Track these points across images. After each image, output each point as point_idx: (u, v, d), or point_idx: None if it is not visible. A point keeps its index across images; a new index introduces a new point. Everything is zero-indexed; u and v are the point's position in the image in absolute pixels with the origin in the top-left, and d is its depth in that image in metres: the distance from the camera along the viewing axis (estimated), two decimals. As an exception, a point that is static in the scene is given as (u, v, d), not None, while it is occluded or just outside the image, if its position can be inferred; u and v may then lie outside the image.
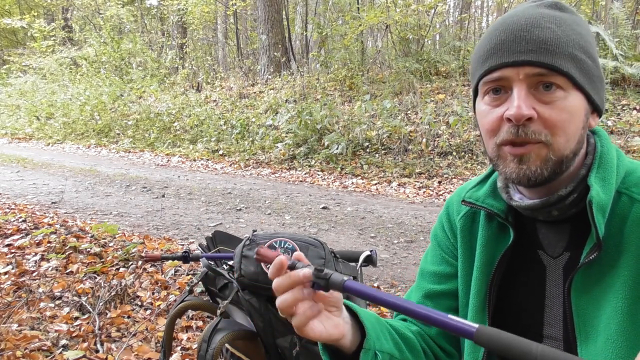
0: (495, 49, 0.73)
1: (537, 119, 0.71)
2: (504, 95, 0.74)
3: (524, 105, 0.70)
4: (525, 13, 0.73)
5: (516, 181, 0.77)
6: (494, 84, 0.74)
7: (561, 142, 0.72)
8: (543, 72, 0.70)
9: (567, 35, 0.71)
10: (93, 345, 2.31)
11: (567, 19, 0.73)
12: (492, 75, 0.74)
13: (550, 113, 0.71)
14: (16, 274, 3.06)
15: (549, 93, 0.71)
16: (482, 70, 0.76)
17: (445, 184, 6.42)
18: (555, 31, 0.71)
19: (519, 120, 0.71)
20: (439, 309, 0.93)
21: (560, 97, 0.71)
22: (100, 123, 12.19)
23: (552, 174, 0.74)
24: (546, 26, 0.71)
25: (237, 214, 5.11)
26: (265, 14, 11.52)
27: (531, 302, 0.84)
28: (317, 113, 8.49)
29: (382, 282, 3.32)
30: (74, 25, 19.24)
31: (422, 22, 10.81)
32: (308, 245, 1.33)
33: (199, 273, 1.48)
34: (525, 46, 0.70)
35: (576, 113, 0.72)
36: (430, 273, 0.97)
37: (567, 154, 0.73)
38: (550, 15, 0.72)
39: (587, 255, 0.74)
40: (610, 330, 0.72)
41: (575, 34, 0.72)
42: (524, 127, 0.71)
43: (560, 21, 0.72)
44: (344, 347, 0.75)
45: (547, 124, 0.71)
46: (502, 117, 0.73)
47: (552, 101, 0.71)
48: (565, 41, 0.71)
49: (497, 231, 0.87)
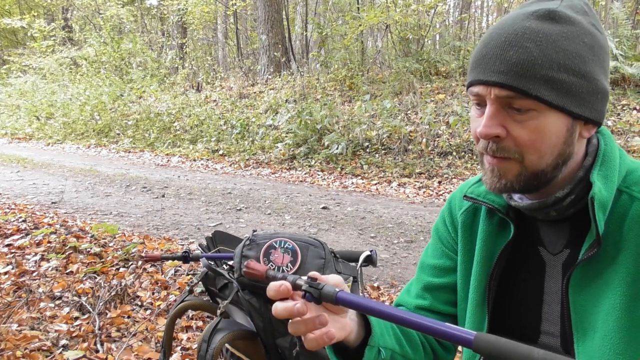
0: (476, 63, 0.75)
1: (507, 136, 0.72)
2: (483, 108, 0.75)
3: (490, 124, 0.72)
4: (511, 26, 0.71)
5: (490, 190, 0.79)
6: (475, 97, 0.76)
7: (533, 159, 0.73)
8: (511, 95, 0.70)
9: (545, 54, 0.68)
10: (93, 345, 2.31)
11: (554, 33, 0.69)
12: (472, 90, 0.76)
13: (519, 132, 0.72)
14: (16, 274, 3.05)
15: (519, 114, 0.71)
16: (467, 81, 0.78)
17: (445, 184, 6.42)
18: (531, 52, 0.68)
19: (485, 138, 0.73)
20: (438, 301, 0.95)
21: (533, 116, 0.71)
22: (100, 123, 12.19)
23: (528, 185, 0.75)
24: (524, 45, 0.69)
25: (237, 214, 5.11)
26: (265, 14, 11.52)
27: (530, 298, 0.85)
28: (317, 113, 8.49)
29: (382, 282, 3.32)
30: (74, 25, 19.24)
31: (422, 22, 10.81)
32: (308, 245, 1.33)
33: (199, 273, 1.48)
34: (498, 66, 0.70)
35: (550, 132, 0.71)
36: (430, 266, 0.99)
37: (542, 169, 0.74)
38: (535, 30, 0.69)
39: (586, 251, 0.74)
40: (607, 327, 0.72)
41: (557, 52, 0.69)
42: (493, 143, 0.74)
43: (543, 38, 0.69)
44: (348, 342, 0.76)
45: (517, 142, 0.72)
46: None
47: (523, 121, 0.71)
48: (540, 62, 0.68)
49: (498, 226, 0.88)
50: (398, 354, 0.84)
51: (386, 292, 3.14)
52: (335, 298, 0.65)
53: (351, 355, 0.79)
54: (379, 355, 0.78)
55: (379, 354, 0.78)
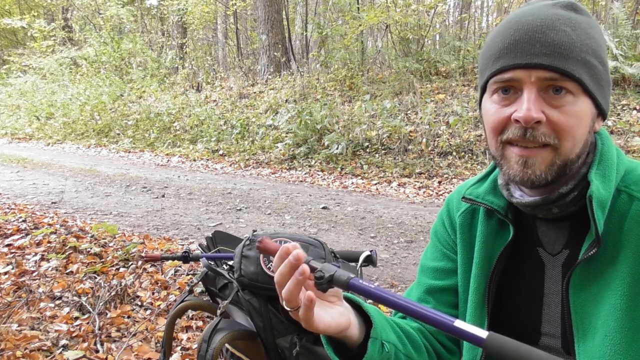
0: (508, 49, 0.72)
1: (545, 122, 0.71)
2: (513, 95, 0.73)
3: (534, 108, 0.70)
4: (540, 13, 0.72)
5: (519, 183, 0.77)
6: (504, 84, 0.74)
7: (568, 146, 0.72)
8: (555, 77, 0.70)
9: (581, 39, 0.70)
10: (93, 345, 2.31)
11: (582, 21, 0.72)
12: (503, 76, 0.73)
13: (559, 117, 0.71)
14: (16, 274, 3.05)
15: (558, 97, 0.71)
16: (493, 69, 0.75)
17: (445, 184, 6.41)
18: (570, 35, 0.70)
19: (527, 123, 0.71)
20: (440, 304, 0.94)
21: (570, 101, 0.71)
22: (100, 123, 12.19)
23: (556, 177, 0.74)
24: (561, 29, 0.70)
25: (237, 214, 5.11)
26: (265, 14, 11.52)
27: (530, 299, 0.84)
28: (317, 113, 8.49)
29: (382, 282, 3.32)
30: (74, 25, 19.25)
31: (422, 22, 10.81)
32: (308, 245, 1.33)
33: (199, 273, 1.48)
34: (539, 49, 0.70)
35: (584, 118, 0.72)
36: (431, 269, 0.98)
37: (572, 158, 0.73)
38: (566, 17, 0.71)
39: (586, 251, 0.74)
40: (608, 327, 0.72)
41: (589, 38, 0.71)
42: (532, 129, 0.71)
43: (575, 24, 0.71)
44: (351, 338, 0.74)
45: (556, 127, 0.71)
46: (509, 117, 0.73)
47: (561, 105, 0.71)
48: (579, 46, 0.70)
49: (497, 228, 0.87)
50: (402, 353, 0.83)
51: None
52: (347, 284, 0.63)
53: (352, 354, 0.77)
54: (383, 349, 0.77)
55: (382, 347, 0.77)
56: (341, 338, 0.74)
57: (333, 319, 0.69)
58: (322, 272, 0.64)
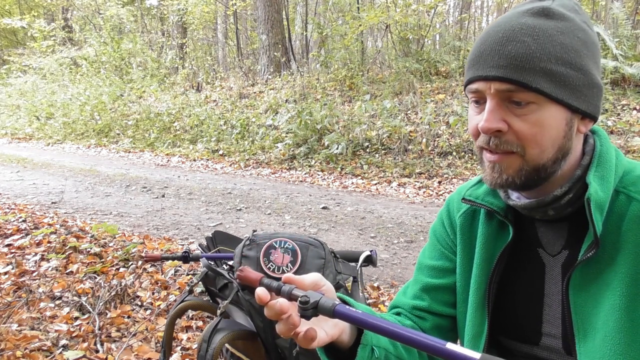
0: (474, 61, 0.75)
1: (508, 130, 0.73)
2: (482, 105, 0.76)
3: (492, 118, 0.72)
4: (507, 24, 0.73)
5: (491, 187, 0.80)
6: (473, 95, 0.76)
7: (534, 152, 0.73)
8: (511, 88, 0.71)
9: (543, 47, 0.70)
10: (93, 345, 2.31)
11: (549, 28, 0.71)
12: (471, 87, 0.76)
13: (520, 126, 0.72)
14: (16, 274, 3.05)
15: (519, 108, 0.72)
16: (465, 79, 0.78)
17: (445, 184, 6.42)
18: (529, 45, 0.70)
19: (487, 133, 0.74)
20: (436, 302, 0.94)
21: (533, 110, 0.71)
22: (100, 123, 12.18)
23: (529, 181, 0.75)
24: (521, 40, 0.70)
25: (237, 214, 5.11)
26: (265, 14, 11.52)
27: (530, 300, 0.84)
28: (317, 113, 8.49)
29: (382, 282, 3.32)
30: (74, 25, 19.24)
31: (422, 22, 10.81)
32: (308, 245, 1.33)
33: (199, 273, 1.48)
34: (497, 61, 0.71)
35: (550, 125, 0.72)
36: (428, 267, 0.98)
37: (543, 163, 0.74)
38: (531, 26, 0.71)
39: (585, 252, 0.74)
40: (608, 327, 0.72)
41: (555, 45, 0.70)
42: (495, 137, 0.74)
43: (540, 33, 0.70)
44: (342, 343, 0.75)
45: (519, 135, 0.73)
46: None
47: (523, 114, 0.72)
48: (538, 56, 0.69)
49: (497, 229, 0.87)
50: (392, 355, 0.83)
51: (386, 292, 3.14)
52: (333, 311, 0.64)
53: (344, 356, 0.77)
54: (372, 354, 0.78)
55: (372, 353, 0.77)
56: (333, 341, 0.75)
57: (327, 334, 0.70)
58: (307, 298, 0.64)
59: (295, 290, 0.67)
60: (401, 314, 0.97)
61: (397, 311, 0.98)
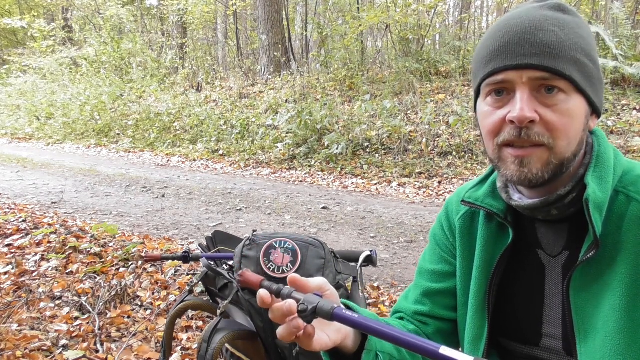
0: (498, 51, 0.73)
1: (539, 121, 0.71)
2: (506, 97, 0.74)
3: (527, 108, 0.71)
4: (528, 15, 0.73)
5: (517, 183, 0.78)
6: (497, 86, 0.74)
7: (563, 145, 0.73)
8: (546, 76, 0.70)
9: (570, 38, 0.71)
10: (93, 345, 2.31)
11: (570, 21, 0.73)
12: (496, 78, 0.74)
13: (552, 116, 0.71)
14: (16, 274, 3.05)
15: (551, 96, 0.71)
16: (485, 72, 0.76)
17: (445, 184, 6.41)
18: (558, 34, 0.71)
19: (521, 123, 0.71)
20: (437, 307, 0.94)
21: (562, 100, 0.71)
22: (100, 123, 12.18)
23: (553, 176, 0.74)
24: (550, 29, 0.71)
25: (237, 214, 5.11)
26: (265, 14, 11.52)
27: (530, 301, 0.84)
28: (317, 113, 8.49)
29: (382, 282, 3.32)
30: (74, 25, 19.24)
31: (422, 22, 10.81)
32: (308, 245, 1.33)
33: (199, 273, 1.48)
34: (529, 49, 0.71)
35: (577, 116, 0.73)
36: (429, 271, 0.98)
37: (568, 157, 0.74)
38: (554, 17, 0.72)
39: (585, 253, 0.74)
40: (608, 328, 0.72)
41: (578, 37, 0.72)
42: (526, 129, 0.72)
43: (564, 24, 0.72)
44: (346, 348, 0.75)
45: (549, 127, 0.72)
46: (504, 118, 0.74)
47: (554, 104, 0.71)
48: (568, 45, 0.71)
49: (497, 231, 0.87)
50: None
51: (386, 292, 3.14)
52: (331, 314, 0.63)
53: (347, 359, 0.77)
54: (377, 359, 0.77)
55: (376, 358, 0.77)
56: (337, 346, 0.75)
57: (330, 338, 0.70)
58: (305, 305, 0.64)
59: (295, 294, 0.67)
60: (404, 318, 0.97)
61: (400, 316, 0.98)
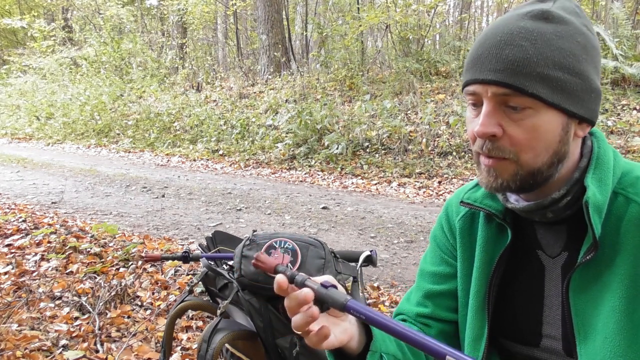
0: (472, 63, 0.75)
1: (503, 135, 0.72)
2: (479, 108, 0.75)
3: (488, 122, 0.72)
4: (505, 27, 0.72)
5: (487, 190, 0.80)
6: (470, 97, 0.76)
7: (528, 158, 0.73)
8: (507, 92, 0.70)
9: (541, 52, 0.69)
10: (93, 345, 2.31)
11: (548, 32, 0.70)
12: (468, 89, 0.76)
13: (515, 131, 0.72)
14: (16, 274, 3.05)
15: (515, 113, 0.72)
16: (463, 81, 0.78)
17: (445, 184, 6.41)
18: (527, 49, 0.69)
19: (482, 137, 0.73)
20: (439, 309, 0.94)
21: (529, 115, 0.71)
22: (100, 123, 12.18)
23: (524, 184, 0.75)
24: (519, 44, 0.69)
25: (237, 214, 5.11)
26: (265, 14, 11.52)
27: (530, 302, 0.84)
28: (317, 113, 8.49)
29: (382, 282, 3.32)
30: (74, 25, 19.22)
31: (422, 22, 10.81)
32: (308, 245, 1.33)
33: (199, 273, 1.48)
34: (494, 65, 0.71)
35: (547, 130, 0.72)
36: (430, 273, 0.98)
37: (538, 167, 0.74)
38: (529, 30, 0.70)
39: (584, 255, 0.74)
40: (608, 329, 0.72)
41: (553, 50, 0.69)
42: (489, 142, 0.73)
43: (538, 37, 0.69)
44: (351, 349, 0.75)
45: (513, 141, 0.72)
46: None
47: (519, 119, 0.72)
48: (535, 60, 0.69)
49: (496, 232, 0.87)
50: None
51: (386, 292, 3.14)
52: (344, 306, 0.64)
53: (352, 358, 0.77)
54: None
55: (381, 359, 0.77)
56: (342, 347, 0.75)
57: (336, 338, 0.70)
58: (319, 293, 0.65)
59: (309, 281, 0.66)
60: (407, 320, 0.97)
61: (403, 318, 0.99)
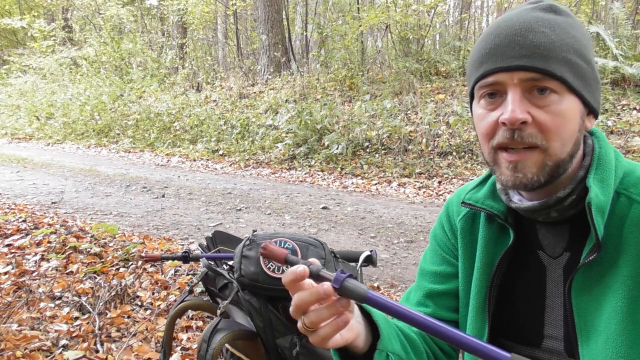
0: (489, 54, 0.74)
1: (531, 122, 0.71)
2: (498, 99, 0.74)
3: (518, 109, 0.70)
4: (519, 17, 0.73)
5: (513, 188, 0.77)
6: (489, 88, 0.75)
7: (557, 146, 0.72)
8: (537, 77, 0.70)
9: (562, 39, 0.71)
10: (93, 345, 2.31)
11: (561, 22, 0.73)
12: (487, 80, 0.74)
13: (544, 117, 0.71)
14: (16, 274, 3.05)
15: (543, 97, 0.71)
16: (477, 75, 0.76)
17: (445, 184, 6.41)
18: (549, 35, 0.71)
19: (513, 124, 0.71)
20: (440, 308, 0.94)
21: (555, 101, 0.71)
22: (100, 123, 12.19)
23: (549, 178, 0.74)
24: (540, 30, 0.71)
25: (237, 214, 5.11)
26: (265, 14, 11.52)
27: (532, 302, 0.84)
28: (317, 113, 8.49)
29: (382, 282, 3.32)
30: (74, 25, 19.24)
31: (422, 22, 10.81)
32: (308, 245, 1.33)
33: (199, 273, 1.48)
34: (519, 51, 0.71)
35: (571, 116, 0.72)
36: (431, 273, 0.97)
37: (563, 158, 0.73)
38: (545, 18, 0.72)
39: (586, 255, 0.74)
40: (610, 330, 0.72)
41: (570, 37, 0.72)
42: (519, 130, 0.72)
43: (555, 25, 0.72)
44: (357, 348, 0.74)
45: (542, 128, 0.71)
46: (497, 121, 0.74)
47: (546, 105, 0.71)
48: (559, 45, 0.70)
49: (498, 232, 0.87)
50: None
51: (386, 292, 3.14)
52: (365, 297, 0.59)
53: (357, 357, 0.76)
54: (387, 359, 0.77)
55: (387, 358, 0.77)
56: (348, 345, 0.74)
57: (342, 337, 0.68)
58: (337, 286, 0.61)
59: (323, 272, 0.63)
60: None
61: None
